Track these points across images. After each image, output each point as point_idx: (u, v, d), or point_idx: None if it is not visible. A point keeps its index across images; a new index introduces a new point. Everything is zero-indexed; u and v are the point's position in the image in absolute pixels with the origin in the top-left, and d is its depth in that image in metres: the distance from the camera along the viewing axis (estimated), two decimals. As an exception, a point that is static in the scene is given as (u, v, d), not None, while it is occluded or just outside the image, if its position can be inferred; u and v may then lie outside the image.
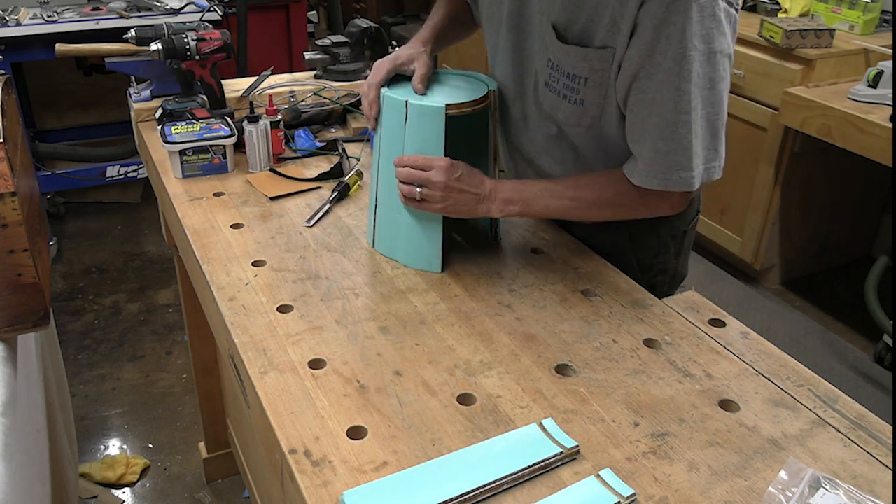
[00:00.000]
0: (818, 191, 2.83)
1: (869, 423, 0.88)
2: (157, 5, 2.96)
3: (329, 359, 0.96)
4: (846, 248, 3.10)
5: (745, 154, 2.81)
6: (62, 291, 2.88)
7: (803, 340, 2.67)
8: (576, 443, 0.82)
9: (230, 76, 1.78)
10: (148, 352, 2.58)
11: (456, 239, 1.24)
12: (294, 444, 0.82)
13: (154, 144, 1.52)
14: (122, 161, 3.19)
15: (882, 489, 0.79)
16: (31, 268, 1.15)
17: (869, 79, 2.39)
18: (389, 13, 5.63)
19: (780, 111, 2.57)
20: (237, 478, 2.11)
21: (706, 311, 1.10)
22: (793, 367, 0.98)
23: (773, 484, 0.78)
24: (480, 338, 1.01)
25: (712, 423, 0.88)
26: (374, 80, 1.16)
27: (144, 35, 1.59)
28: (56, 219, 3.36)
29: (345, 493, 0.75)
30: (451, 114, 1.07)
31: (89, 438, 2.23)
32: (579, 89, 1.08)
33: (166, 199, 1.40)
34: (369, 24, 1.79)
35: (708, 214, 3.07)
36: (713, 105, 1.02)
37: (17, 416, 1.10)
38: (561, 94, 1.10)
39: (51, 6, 2.91)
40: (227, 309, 1.05)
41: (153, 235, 3.26)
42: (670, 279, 1.33)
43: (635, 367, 0.97)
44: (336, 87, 1.73)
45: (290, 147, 1.53)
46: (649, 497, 0.78)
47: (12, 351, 1.19)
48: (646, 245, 1.28)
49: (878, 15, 2.75)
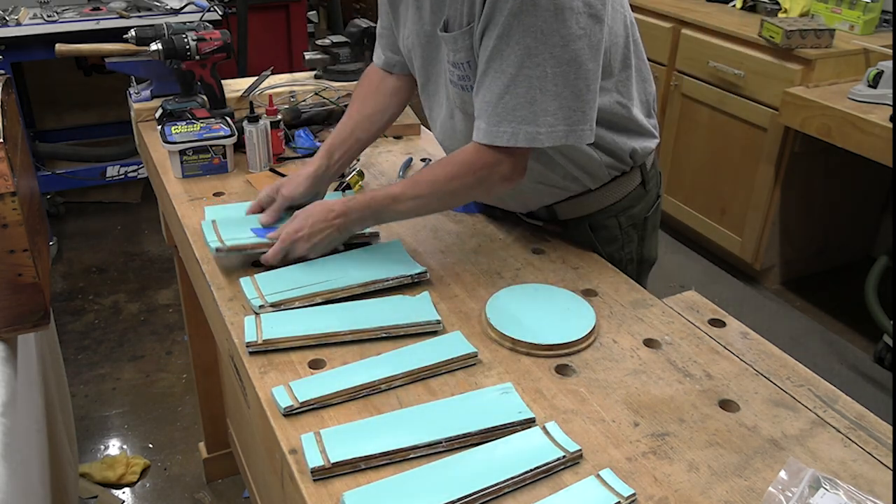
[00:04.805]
0: (818, 191, 2.83)
1: (869, 423, 0.88)
2: (157, 5, 2.96)
3: (329, 359, 0.96)
4: (846, 248, 3.10)
5: (745, 154, 2.81)
6: (62, 291, 2.88)
7: (803, 340, 2.67)
8: (579, 447, 0.82)
9: (230, 76, 1.78)
10: (148, 352, 2.58)
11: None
12: (294, 444, 0.82)
13: (154, 144, 1.52)
14: (122, 161, 3.19)
15: (882, 489, 0.79)
16: (31, 268, 1.15)
17: (869, 79, 2.39)
18: (389, 13, 5.62)
19: (780, 111, 2.57)
20: (237, 478, 2.11)
21: (706, 311, 1.10)
22: (793, 367, 0.98)
23: (773, 484, 0.78)
24: (480, 338, 1.01)
25: (712, 423, 0.88)
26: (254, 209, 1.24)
27: (144, 35, 1.59)
28: (56, 219, 3.36)
29: (345, 493, 0.75)
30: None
31: (89, 438, 2.23)
32: (469, 76, 1.10)
33: (166, 199, 1.40)
34: (369, 24, 1.79)
35: (708, 214, 3.07)
36: (569, 64, 1.01)
37: (17, 416, 1.10)
38: (460, 87, 1.13)
39: (51, 6, 2.91)
40: (227, 309, 1.05)
41: (153, 235, 3.26)
42: (638, 266, 1.33)
43: (635, 367, 0.97)
44: (336, 87, 1.73)
45: (290, 147, 1.53)
46: (649, 497, 0.78)
47: (12, 351, 1.19)
48: (609, 237, 1.28)
49: (878, 15, 2.75)
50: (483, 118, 1.06)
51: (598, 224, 1.26)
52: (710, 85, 2.90)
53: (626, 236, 1.29)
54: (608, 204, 1.26)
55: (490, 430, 0.84)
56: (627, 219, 1.28)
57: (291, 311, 1.03)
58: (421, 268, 1.12)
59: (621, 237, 1.28)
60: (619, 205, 1.26)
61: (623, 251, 1.29)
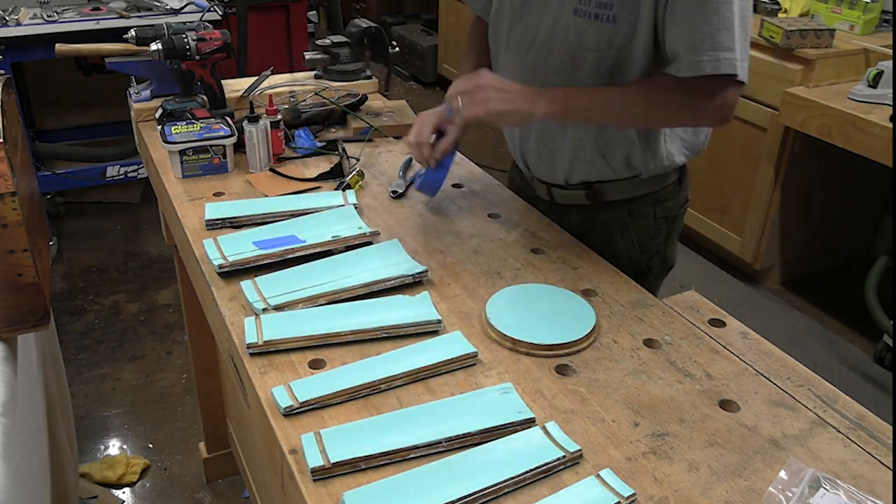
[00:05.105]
0: (818, 191, 2.83)
1: (869, 423, 0.88)
2: (157, 5, 2.95)
3: (329, 359, 0.96)
4: (846, 248, 3.10)
5: (745, 154, 2.81)
6: (62, 291, 2.88)
7: (803, 340, 2.67)
8: (579, 447, 0.82)
9: (230, 76, 1.78)
10: (148, 352, 2.58)
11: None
12: (294, 444, 0.82)
13: (154, 144, 1.52)
14: (122, 161, 3.18)
15: (882, 489, 0.79)
16: (31, 268, 1.15)
17: (869, 79, 2.39)
18: (389, 13, 5.63)
19: (780, 111, 2.57)
20: (237, 478, 2.11)
21: (706, 311, 1.10)
22: (793, 367, 0.98)
23: (773, 484, 0.78)
24: (480, 338, 1.01)
25: (712, 423, 0.88)
26: (424, 136, 1.21)
27: (144, 35, 1.59)
28: (56, 219, 3.36)
29: (345, 493, 0.75)
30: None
31: (89, 438, 2.23)
32: (612, 4, 1.10)
33: (166, 199, 1.40)
34: (369, 24, 1.79)
35: (708, 214, 3.07)
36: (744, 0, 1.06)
37: (17, 416, 1.10)
38: (592, 16, 1.12)
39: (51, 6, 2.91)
40: (227, 309, 1.05)
41: (153, 235, 3.26)
42: (661, 263, 1.38)
43: (635, 367, 0.97)
44: (336, 87, 1.73)
45: (290, 147, 1.53)
46: (649, 497, 0.78)
47: (12, 351, 1.19)
48: (643, 224, 1.32)
49: (878, 15, 2.75)
50: (681, 51, 1.08)
51: (636, 209, 1.31)
52: (710, 85, 2.90)
53: (657, 227, 1.33)
54: (650, 191, 1.30)
55: (490, 430, 0.84)
56: (662, 210, 1.32)
57: (291, 311, 1.03)
58: (421, 267, 1.12)
59: (654, 226, 1.33)
60: (659, 194, 1.31)
61: (653, 241, 1.34)
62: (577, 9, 1.14)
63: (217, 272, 1.11)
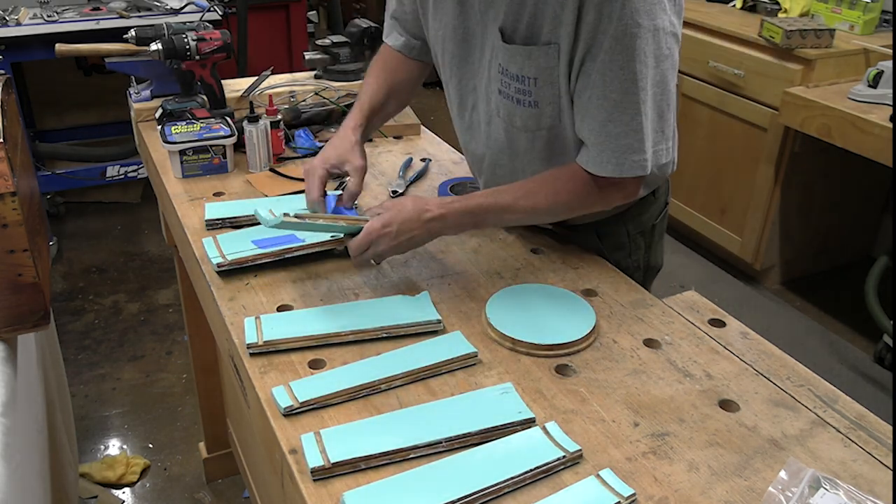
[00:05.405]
0: (818, 191, 2.83)
1: (869, 423, 0.88)
2: (157, 5, 2.96)
3: (329, 359, 0.96)
4: (846, 248, 3.10)
5: (745, 154, 2.81)
6: (62, 291, 2.88)
7: (803, 340, 2.67)
8: (579, 447, 0.82)
9: (230, 76, 1.78)
10: (148, 352, 2.58)
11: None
12: (294, 444, 0.82)
13: (154, 144, 1.52)
14: (122, 161, 3.19)
15: (882, 489, 0.79)
16: (31, 268, 1.15)
17: (869, 79, 2.39)
18: (389, 13, 5.62)
19: (780, 111, 2.57)
20: (237, 478, 2.11)
21: (706, 311, 1.10)
22: (793, 367, 0.98)
23: (773, 484, 0.78)
24: (480, 338, 1.01)
25: (712, 423, 0.88)
26: (312, 194, 1.13)
27: (144, 35, 1.59)
28: (56, 219, 3.36)
29: (345, 493, 0.75)
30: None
31: (89, 438, 2.23)
32: (531, 91, 1.07)
33: (166, 199, 1.40)
34: (369, 24, 1.79)
35: (708, 214, 3.07)
36: (659, 84, 1.01)
37: (17, 416, 1.10)
38: (514, 100, 1.09)
39: (51, 6, 2.91)
40: (227, 309, 1.05)
41: (153, 235, 3.26)
42: (644, 273, 1.33)
43: (635, 367, 0.97)
44: (336, 87, 1.73)
45: (290, 147, 1.53)
46: (649, 497, 0.77)
47: (12, 351, 1.19)
48: (617, 244, 1.27)
49: (878, 15, 2.75)
50: (588, 145, 1.05)
51: (605, 231, 1.26)
52: (710, 85, 2.90)
53: (633, 244, 1.28)
54: (617, 212, 1.25)
55: (490, 430, 0.84)
56: (635, 226, 1.27)
57: (291, 312, 1.03)
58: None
59: (629, 244, 1.28)
60: (629, 213, 1.26)
61: (630, 258, 1.29)
62: (500, 90, 1.10)
63: (216, 271, 1.11)
